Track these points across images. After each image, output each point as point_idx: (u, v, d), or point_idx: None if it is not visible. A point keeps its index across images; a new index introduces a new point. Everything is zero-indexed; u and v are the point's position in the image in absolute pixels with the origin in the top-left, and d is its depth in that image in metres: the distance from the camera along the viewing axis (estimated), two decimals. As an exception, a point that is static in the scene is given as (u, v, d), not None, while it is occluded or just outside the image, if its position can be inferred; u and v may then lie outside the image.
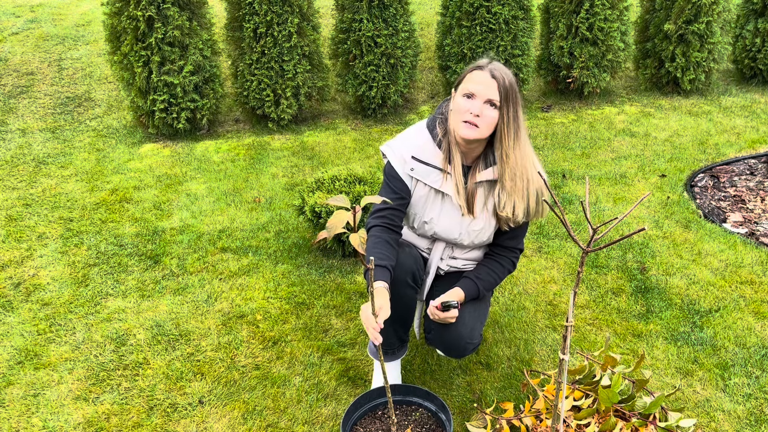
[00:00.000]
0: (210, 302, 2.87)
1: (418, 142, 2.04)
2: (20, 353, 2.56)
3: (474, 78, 1.92)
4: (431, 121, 2.06)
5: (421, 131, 2.06)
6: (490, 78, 1.89)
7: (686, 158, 4.25)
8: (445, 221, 2.07)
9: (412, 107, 5.39)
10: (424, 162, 2.02)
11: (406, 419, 2.03)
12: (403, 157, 2.04)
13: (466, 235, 2.08)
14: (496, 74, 1.89)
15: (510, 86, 1.90)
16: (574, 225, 3.46)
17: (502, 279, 2.16)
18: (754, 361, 2.43)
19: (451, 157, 2.00)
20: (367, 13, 4.74)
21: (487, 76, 1.89)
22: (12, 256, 3.25)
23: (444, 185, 2.02)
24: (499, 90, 1.89)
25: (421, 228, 2.13)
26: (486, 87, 1.89)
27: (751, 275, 2.96)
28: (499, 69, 1.91)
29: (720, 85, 5.66)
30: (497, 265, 2.15)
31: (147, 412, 2.26)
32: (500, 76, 1.89)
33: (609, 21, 5.02)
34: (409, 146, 2.04)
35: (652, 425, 1.96)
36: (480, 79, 1.90)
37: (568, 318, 1.55)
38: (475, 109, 1.89)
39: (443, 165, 2.01)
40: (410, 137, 2.07)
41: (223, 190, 3.99)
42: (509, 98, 1.90)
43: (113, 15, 4.52)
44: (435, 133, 2.03)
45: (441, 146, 2.02)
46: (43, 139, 4.73)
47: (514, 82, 1.92)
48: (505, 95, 1.89)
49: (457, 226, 2.07)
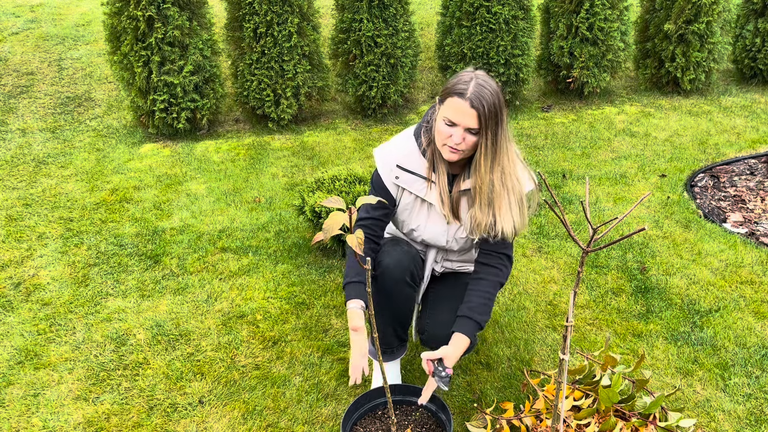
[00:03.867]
0: (210, 302, 2.87)
1: (404, 151, 2.03)
2: (20, 353, 2.56)
3: (455, 106, 1.86)
4: (417, 129, 2.05)
5: (408, 139, 2.05)
6: (470, 108, 1.83)
7: (686, 158, 4.25)
8: (432, 229, 2.08)
9: (412, 107, 5.39)
10: (409, 171, 2.02)
11: (406, 419, 2.03)
12: (389, 165, 2.04)
13: (454, 242, 2.10)
14: (475, 104, 1.82)
15: (490, 112, 1.84)
16: (574, 225, 3.46)
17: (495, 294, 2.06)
18: (754, 361, 2.43)
19: (436, 166, 1.99)
20: (367, 13, 4.74)
21: (466, 106, 1.83)
22: (12, 256, 3.25)
23: (428, 194, 2.02)
24: (479, 119, 1.84)
25: (409, 235, 2.15)
26: (465, 116, 1.84)
27: (751, 275, 2.96)
28: (479, 95, 1.83)
29: (720, 85, 5.66)
30: (486, 283, 2.05)
31: (147, 412, 2.26)
32: (480, 105, 1.83)
33: (609, 21, 5.02)
34: (396, 154, 2.04)
35: (652, 425, 1.96)
36: (460, 108, 1.85)
37: (568, 318, 1.55)
38: (456, 137, 1.87)
39: (428, 174, 2.01)
40: (398, 145, 2.06)
41: (223, 190, 3.99)
42: (488, 124, 1.85)
43: (113, 15, 4.52)
44: (420, 141, 2.01)
45: (426, 155, 2.00)
46: (43, 139, 4.73)
47: (496, 103, 1.86)
48: (485, 122, 1.85)
49: (444, 234, 2.08)
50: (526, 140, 4.68)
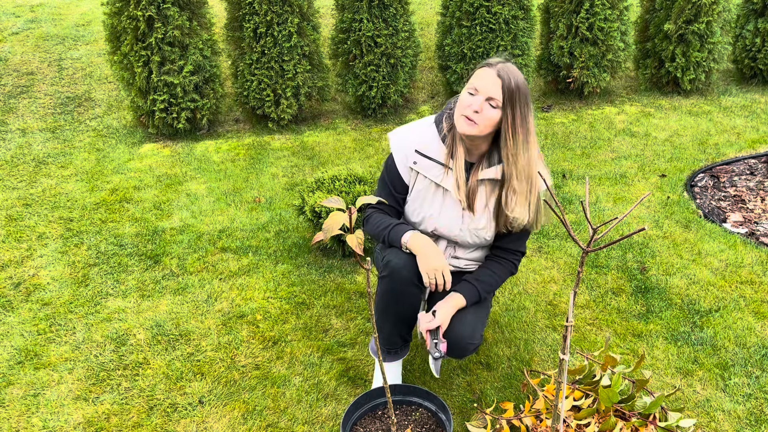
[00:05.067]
0: (210, 302, 2.87)
1: (424, 138, 2.05)
2: (20, 353, 2.56)
3: (480, 74, 1.92)
4: (439, 116, 2.07)
5: (429, 126, 2.07)
6: (496, 76, 1.88)
7: (686, 158, 4.25)
8: (446, 217, 2.07)
9: (412, 107, 5.39)
10: (428, 156, 2.03)
11: (406, 419, 2.03)
12: (405, 150, 2.05)
13: (467, 233, 2.08)
14: (501, 74, 1.88)
15: (516, 88, 1.88)
16: (574, 225, 3.46)
17: (503, 281, 2.15)
18: (754, 361, 2.43)
19: (454, 152, 2.01)
20: (367, 13, 4.74)
21: (492, 74, 1.89)
22: (12, 256, 3.25)
23: (444, 180, 2.02)
24: (503, 89, 1.88)
25: (421, 224, 2.12)
26: (489, 84, 1.89)
27: (751, 275, 2.96)
28: (507, 70, 1.90)
29: (720, 85, 5.66)
30: (497, 266, 2.14)
31: (147, 412, 2.26)
32: (506, 77, 1.88)
33: (609, 21, 5.02)
34: (415, 140, 2.05)
35: (652, 425, 1.96)
36: (485, 76, 1.90)
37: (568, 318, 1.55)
38: (476, 104, 1.89)
39: (446, 160, 2.02)
40: (418, 130, 2.08)
41: (223, 190, 3.99)
42: (514, 99, 1.88)
43: (113, 15, 4.52)
44: (441, 127, 2.04)
45: (445, 141, 2.02)
46: (43, 139, 4.73)
47: (523, 85, 1.90)
48: (509, 96, 1.88)
49: (458, 223, 2.07)
50: (526, 140, 4.67)
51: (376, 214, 2.12)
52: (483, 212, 2.05)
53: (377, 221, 2.09)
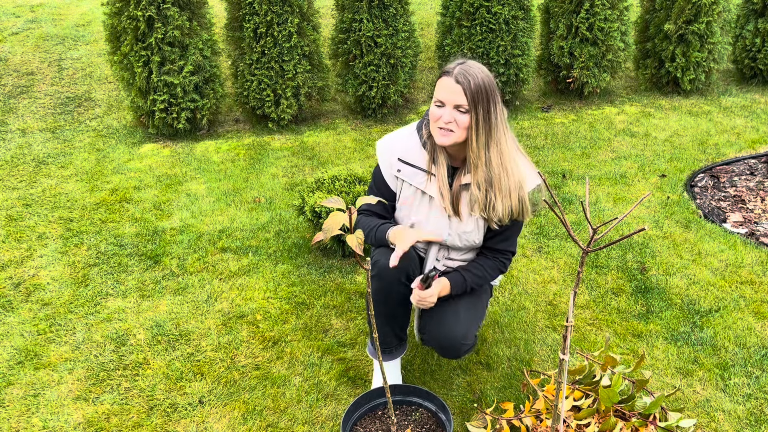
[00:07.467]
0: (210, 302, 2.87)
1: (407, 145, 2.06)
2: (20, 353, 2.56)
3: (441, 85, 1.91)
4: (420, 123, 2.09)
5: (411, 134, 2.08)
6: (455, 84, 1.87)
7: (686, 158, 4.25)
8: (434, 223, 2.08)
9: (412, 107, 5.39)
10: (410, 164, 2.04)
11: (406, 419, 2.03)
12: (390, 159, 2.07)
13: (456, 237, 2.09)
14: (460, 79, 1.86)
15: (477, 88, 1.86)
16: (574, 225, 3.46)
17: (492, 276, 2.14)
18: (754, 361, 2.43)
19: (436, 157, 2.02)
20: (367, 13, 4.74)
21: (451, 82, 1.87)
22: (12, 256, 3.25)
23: (428, 186, 2.04)
24: (465, 94, 1.86)
25: None
26: (451, 93, 1.88)
27: (751, 275, 2.96)
28: (465, 72, 1.87)
29: (720, 85, 5.66)
30: (487, 261, 2.15)
31: (147, 412, 2.26)
32: (465, 80, 1.86)
33: (609, 21, 5.02)
34: (398, 148, 2.07)
35: (652, 425, 1.96)
36: (446, 86, 1.89)
37: (568, 318, 1.55)
38: (446, 116, 1.90)
39: (428, 167, 2.02)
40: (401, 138, 2.09)
41: (223, 190, 3.99)
42: (477, 100, 1.87)
43: (113, 15, 4.52)
44: (421, 134, 2.05)
45: (426, 147, 2.03)
46: (43, 139, 4.73)
47: (485, 81, 1.88)
48: (472, 98, 1.86)
49: (446, 228, 2.08)
50: (526, 140, 4.68)
51: (364, 218, 2.15)
52: (469, 216, 2.05)
53: (365, 224, 2.12)
